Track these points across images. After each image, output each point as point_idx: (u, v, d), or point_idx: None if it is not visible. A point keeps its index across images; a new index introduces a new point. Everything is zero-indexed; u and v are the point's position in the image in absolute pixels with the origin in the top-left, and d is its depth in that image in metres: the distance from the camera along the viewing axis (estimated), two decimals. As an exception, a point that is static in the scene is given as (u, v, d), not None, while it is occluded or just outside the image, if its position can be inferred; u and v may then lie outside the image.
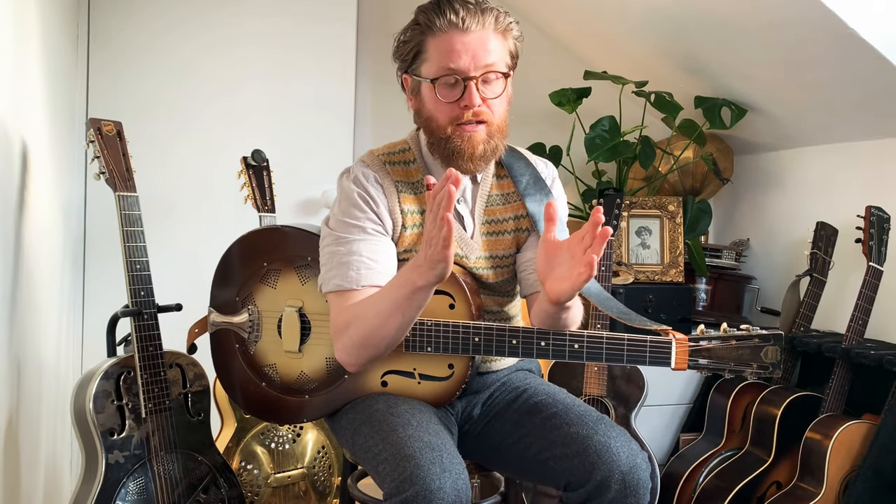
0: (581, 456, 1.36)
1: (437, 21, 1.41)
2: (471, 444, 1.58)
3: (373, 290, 1.43)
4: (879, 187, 2.49)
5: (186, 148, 2.69)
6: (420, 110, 1.50)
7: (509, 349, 1.42)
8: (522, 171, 1.57)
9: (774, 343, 1.36)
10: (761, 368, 1.36)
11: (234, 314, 1.63)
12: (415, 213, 1.52)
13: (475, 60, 1.41)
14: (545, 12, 3.06)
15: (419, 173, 1.54)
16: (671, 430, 2.78)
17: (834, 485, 2.16)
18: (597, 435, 1.38)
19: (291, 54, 2.79)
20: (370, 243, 1.46)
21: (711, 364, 1.36)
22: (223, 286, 1.65)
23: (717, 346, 1.36)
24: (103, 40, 2.60)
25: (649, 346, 1.37)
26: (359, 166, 1.53)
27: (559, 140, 2.90)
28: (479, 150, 1.45)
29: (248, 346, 1.62)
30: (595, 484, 1.34)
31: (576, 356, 1.40)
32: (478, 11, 1.41)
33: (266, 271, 1.62)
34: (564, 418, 1.43)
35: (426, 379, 1.51)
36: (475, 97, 1.42)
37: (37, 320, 1.90)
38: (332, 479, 2.28)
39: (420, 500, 1.22)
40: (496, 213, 1.57)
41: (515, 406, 1.54)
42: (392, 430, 1.35)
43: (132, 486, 1.77)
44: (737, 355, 1.36)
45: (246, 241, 1.65)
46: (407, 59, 1.48)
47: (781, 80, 2.53)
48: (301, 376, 1.59)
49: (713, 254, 2.93)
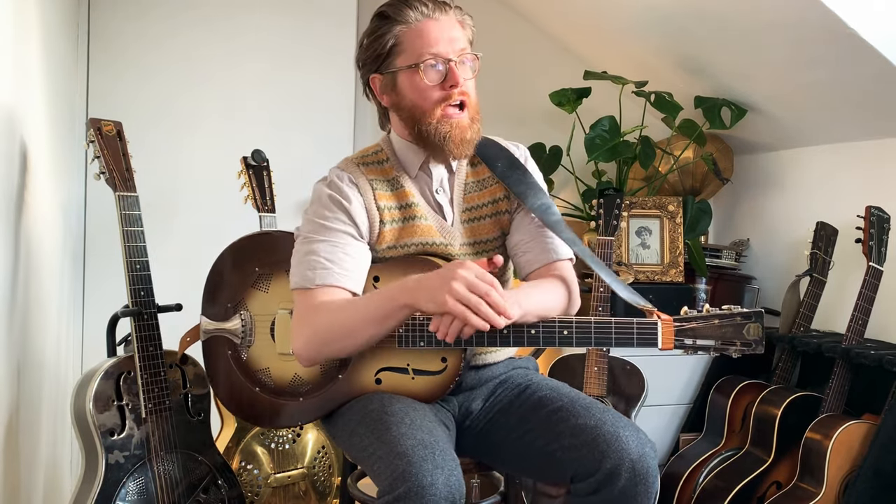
0: (590, 445, 1.37)
1: (409, 14, 1.49)
2: (473, 441, 1.58)
3: (329, 289, 1.46)
4: (879, 187, 2.49)
5: (186, 148, 2.69)
6: (399, 103, 1.54)
7: (501, 339, 1.43)
8: (497, 157, 1.62)
9: (756, 320, 1.41)
10: (744, 345, 1.40)
11: (226, 320, 1.63)
12: (392, 208, 1.55)
13: (451, 45, 1.50)
14: (545, 12, 3.06)
15: (393, 171, 1.58)
16: (671, 430, 2.78)
17: (834, 485, 2.16)
18: (605, 425, 1.39)
19: (291, 54, 2.79)
20: (331, 244, 1.49)
21: (697, 343, 1.40)
22: (214, 294, 1.65)
23: (701, 325, 1.41)
24: (103, 41, 2.60)
25: (636, 327, 1.40)
26: (333, 170, 1.58)
27: (559, 140, 2.90)
28: (467, 135, 1.52)
29: (240, 352, 1.62)
30: (605, 473, 1.35)
31: (565, 342, 1.42)
32: (440, 4, 1.51)
33: (258, 276, 1.63)
34: (571, 410, 1.45)
35: (420, 374, 1.52)
36: (459, 76, 1.49)
37: (37, 320, 1.90)
38: (332, 479, 2.29)
39: (412, 497, 1.23)
40: (474, 199, 1.61)
41: (519, 402, 1.55)
42: (386, 429, 1.36)
43: (132, 486, 1.77)
44: (720, 333, 1.40)
45: (236, 247, 1.66)
46: (380, 55, 1.52)
47: (781, 80, 2.53)
48: (295, 378, 1.58)
49: (713, 254, 2.93)
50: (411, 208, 1.56)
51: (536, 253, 1.58)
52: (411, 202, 1.56)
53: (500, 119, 3.08)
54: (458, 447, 1.57)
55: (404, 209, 1.56)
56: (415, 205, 1.56)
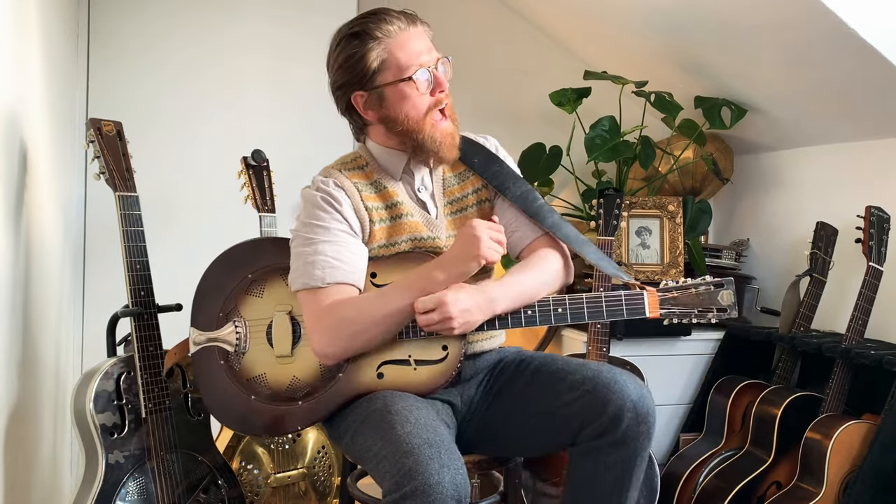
0: (592, 394, 1.45)
1: (388, 28, 1.53)
2: (477, 430, 1.62)
3: (341, 287, 1.50)
4: (879, 187, 2.49)
5: (187, 148, 2.69)
6: (389, 116, 1.56)
7: (499, 322, 1.53)
8: (472, 153, 1.68)
9: (727, 287, 1.60)
10: (720, 311, 1.59)
11: (218, 329, 1.61)
12: (380, 208, 1.59)
13: (430, 53, 1.56)
14: (545, 12, 3.06)
15: (374, 174, 1.62)
16: (671, 430, 2.78)
17: (834, 485, 2.16)
18: (602, 374, 1.48)
19: (291, 54, 2.79)
20: (335, 244, 1.52)
21: (679, 310, 1.58)
22: (205, 303, 1.62)
23: (681, 295, 1.59)
24: (103, 40, 2.61)
25: (625, 298, 1.55)
26: (317, 178, 1.61)
27: (559, 140, 2.90)
28: (456, 139, 1.60)
29: (233, 361, 1.59)
30: (609, 417, 1.42)
31: (561, 319, 1.54)
32: (408, 16, 1.56)
33: (251, 282, 1.62)
34: (567, 370, 1.53)
35: (422, 364, 1.54)
36: (444, 80, 1.56)
37: (37, 320, 1.90)
38: (332, 479, 2.29)
39: (419, 495, 1.24)
40: (455, 192, 1.67)
41: (517, 375, 1.61)
42: (391, 428, 1.36)
43: (132, 486, 1.77)
44: (698, 301, 1.59)
45: (227, 256, 1.65)
46: (366, 74, 1.54)
47: (781, 80, 2.53)
48: (293, 382, 1.57)
49: (713, 254, 2.93)
50: (397, 207, 1.60)
51: (525, 230, 1.65)
52: (396, 201, 1.60)
53: (500, 119, 3.09)
54: (461, 443, 1.59)
55: (391, 208, 1.60)
56: (400, 203, 1.60)
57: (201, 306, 1.63)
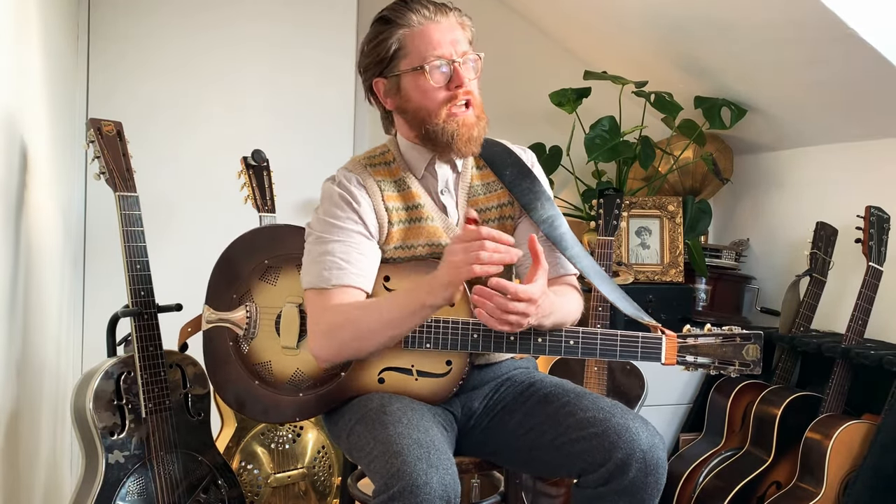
0: (600, 437, 1.38)
1: (411, 17, 1.50)
2: (477, 440, 1.59)
3: (346, 290, 1.47)
4: (879, 187, 2.49)
5: (187, 148, 2.69)
6: (404, 106, 1.54)
7: (507, 345, 1.47)
8: (504, 162, 1.63)
9: (755, 342, 1.47)
10: (742, 366, 1.47)
11: (230, 311, 1.63)
12: (399, 209, 1.56)
13: (454, 46, 1.51)
14: (545, 12, 3.06)
15: (400, 171, 1.59)
16: (671, 430, 2.78)
17: (834, 485, 2.16)
18: (615, 417, 1.40)
19: (291, 54, 2.79)
20: (345, 244, 1.50)
21: (698, 361, 1.47)
22: (221, 283, 1.64)
23: (703, 343, 1.47)
24: (103, 41, 2.61)
25: (641, 342, 1.46)
26: (341, 171, 1.59)
27: (559, 140, 2.90)
28: (474, 132, 1.53)
29: (242, 344, 1.61)
30: (616, 463, 1.36)
31: (571, 352, 1.46)
32: (441, 7, 1.53)
33: (266, 268, 1.62)
34: (578, 405, 1.46)
35: (424, 376, 1.53)
36: (464, 76, 1.51)
37: (37, 320, 1.90)
38: (332, 479, 2.29)
39: (406, 495, 1.24)
40: (479, 202, 1.62)
41: (524, 398, 1.56)
42: (383, 428, 1.36)
43: (132, 486, 1.77)
44: (721, 353, 1.47)
45: (247, 238, 1.66)
46: (384, 59, 1.53)
47: (781, 80, 2.53)
48: (296, 374, 1.58)
49: (713, 254, 2.93)
50: (418, 209, 1.57)
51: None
52: (418, 203, 1.57)
53: (500, 119, 3.06)
54: (462, 447, 1.58)
55: (411, 210, 1.57)
56: (421, 206, 1.57)
57: (217, 286, 1.64)
